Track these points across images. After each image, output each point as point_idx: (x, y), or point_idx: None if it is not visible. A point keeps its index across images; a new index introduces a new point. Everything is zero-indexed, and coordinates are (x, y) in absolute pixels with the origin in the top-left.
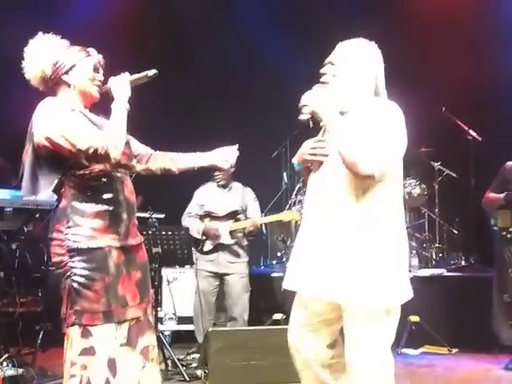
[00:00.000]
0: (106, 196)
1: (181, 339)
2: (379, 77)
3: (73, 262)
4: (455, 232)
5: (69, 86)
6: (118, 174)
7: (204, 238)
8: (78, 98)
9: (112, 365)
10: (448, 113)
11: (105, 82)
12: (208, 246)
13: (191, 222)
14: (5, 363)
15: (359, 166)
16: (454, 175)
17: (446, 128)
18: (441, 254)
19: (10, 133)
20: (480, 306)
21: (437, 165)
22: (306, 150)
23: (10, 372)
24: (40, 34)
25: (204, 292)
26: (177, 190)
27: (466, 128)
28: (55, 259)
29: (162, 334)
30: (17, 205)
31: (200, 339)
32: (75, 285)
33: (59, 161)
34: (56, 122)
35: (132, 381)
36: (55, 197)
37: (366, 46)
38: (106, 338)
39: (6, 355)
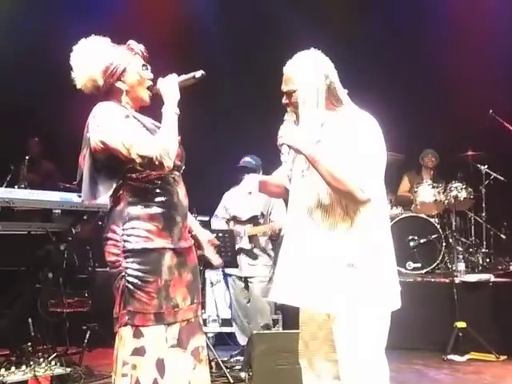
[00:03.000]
0: (161, 199)
1: (224, 341)
2: (333, 82)
3: (127, 262)
4: (503, 236)
5: (121, 92)
6: (173, 177)
7: None
8: (130, 102)
9: (160, 365)
10: (495, 115)
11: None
12: None
13: (216, 225)
14: (53, 362)
15: (356, 194)
16: (502, 178)
17: (493, 131)
18: (488, 259)
19: (58, 138)
20: None
21: (484, 168)
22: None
23: (58, 371)
24: (83, 40)
25: (235, 295)
26: (221, 192)
27: None
28: (110, 258)
29: (206, 335)
30: (65, 207)
31: (241, 341)
32: (129, 285)
33: (116, 165)
34: (111, 127)
35: (182, 381)
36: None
37: (308, 58)
38: (156, 339)
39: (54, 354)
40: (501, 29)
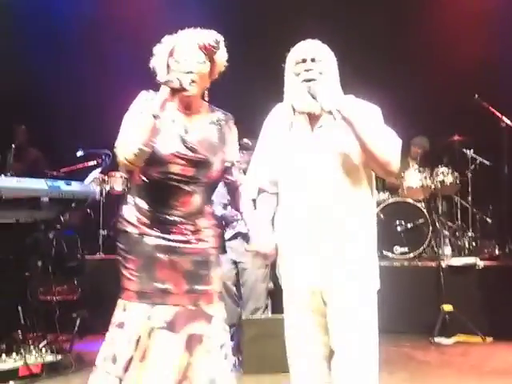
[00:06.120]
0: (150, 196)
1: None
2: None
3: (117, 242)
4: (488, 220)
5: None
6: (169, 182)
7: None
8: (172, 97)
9: (138, 343)
10: (481, 100)
11: None
12: (228, 233)
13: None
14: (44, 350)
15: (392, 165)
16: (487, 163)
17: (478, 115)
18: (474, 243)
19: (45, 124)
20: None
21: (470, 153)
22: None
23: (49, 358)
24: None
25: (223, 277)
26: None
27: (500, 115)
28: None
29: None
30: (53, 194)
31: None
32: (118, 263)
33: None
34: (125, 120)
35: (166, 365)
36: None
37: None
38: (137, 316)
39: (45, 342)
40: (487, 14)
